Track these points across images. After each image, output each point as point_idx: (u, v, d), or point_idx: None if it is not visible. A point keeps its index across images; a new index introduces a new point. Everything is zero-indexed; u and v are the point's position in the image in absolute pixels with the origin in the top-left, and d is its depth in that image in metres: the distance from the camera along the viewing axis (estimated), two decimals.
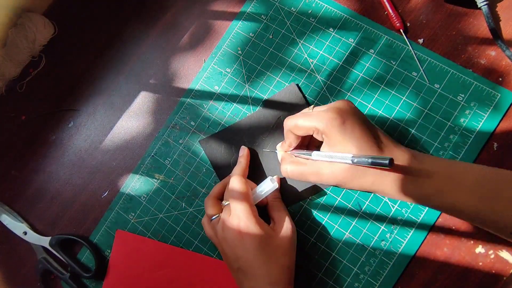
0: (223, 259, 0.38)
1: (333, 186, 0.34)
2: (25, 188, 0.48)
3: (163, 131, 0.45)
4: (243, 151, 0.41)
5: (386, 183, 0.31)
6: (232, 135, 0.43)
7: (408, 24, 0.41)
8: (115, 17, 0.49)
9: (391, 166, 0.28)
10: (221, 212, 0.38)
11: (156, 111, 0.46)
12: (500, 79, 0.38)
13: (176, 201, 0.43)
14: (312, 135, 0.34)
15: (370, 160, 0.29)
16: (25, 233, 0.46)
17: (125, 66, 0.48)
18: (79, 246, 0.45)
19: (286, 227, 0.36)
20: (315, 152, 0.34)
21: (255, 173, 0.41)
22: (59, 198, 0.47)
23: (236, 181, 0.37)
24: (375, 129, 0.33)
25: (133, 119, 0.47)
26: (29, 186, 0.48)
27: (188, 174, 0.43)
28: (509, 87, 0.38)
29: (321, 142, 0.34)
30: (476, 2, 0.38)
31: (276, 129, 0.42)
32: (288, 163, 0.36)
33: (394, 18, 0.40)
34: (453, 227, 0.37)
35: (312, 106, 0.36)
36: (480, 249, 0.36)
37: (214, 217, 0.38)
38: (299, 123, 0.33)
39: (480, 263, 0.36)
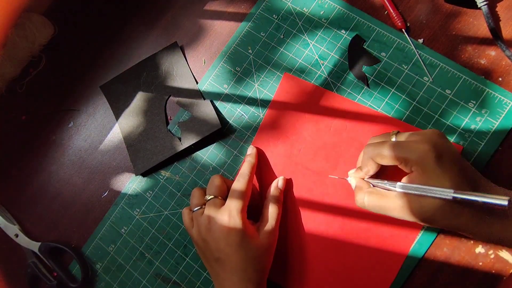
0: (198, 252, 0.39)
1: (414, 221, 0.31)
2: (25, 188, 0.48)
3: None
4: (251, 150, 0.41)
5: (483, 226, 0.29)
6: (133, 77, 0.46)
7: (408, 24, 0.41)
8: (115, 17, 0.49)
9: (508, 207, 0.25)
10: (204, 204, 0.39)
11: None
12: (500, 79, 0.38)
13: (181, 198, 0.43)
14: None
15: (482, 200, 0.26)
16: (17, 235, 0.46)
17: (125, 66, 0.48)
18: (69, 254, 0.45)
19: (269, 232, 0.37)
20: (401, 184, 0.31)
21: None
22: (59, 198, 0.47)
23: (241, 180, 0.38)
24: (469, 167, 0.31)
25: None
26: (29, 186, 0.48)
27: (194, 172, 0.43)
28: (508, 88, 0.38)
29: (395, 171, 0.32)
30: (476, 2, 0.38)
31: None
32: (366, 194, 0.33)
33: (396, 17, 0.40)
34: None
35: (394, 132, 0.33)
36: (480, 249, 0.37)
37: (196, 208, 0.38)
38: (385, 153, 0.31)
39: (480, 263, 0.36)
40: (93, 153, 0.47)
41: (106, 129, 0.47)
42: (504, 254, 0.36)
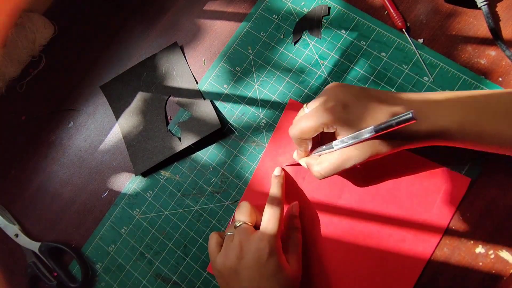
0: (218, 281, 0.37)
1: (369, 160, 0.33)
2: (25, 188, 0.48)
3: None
4: (279, 172, 0.40)
5: (413, 131, 0.31)
6: (133, 77, 0.46)
7: (408, 24, 0.41)
8: (115, 17, 0.49)
9: (416, 118, 0.27)
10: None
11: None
12: (500, 79, 0.38)
13: (181, 198, 0.43)
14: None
15: (393, 123, 0.28)
16: (17, 235, 0.45)
17: (125, 66, 0.48)
18: (69, 254, 0.45)
19: (298, 263, 0.36)
20: (335, 142, 0.33)
21: None
22: (59, 198, 0.47)
23: (274, 203, 0.37)
24: (374, 92, 0.33)
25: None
26: (29, 186, 0.48)
27: (194, 172, 0.43)
28: (509, 88, 0.38)
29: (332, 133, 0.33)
30: (476, 2, 0.38)
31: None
32: (316, 166, 0.34)
33: (396, 17, 0.40)
34: (453, 227, 0.37)
35: (305, 104, 0.35)
36: (480, 249, 0.36)
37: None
38: (304, 128, 0.32)
39: (480, 263, 0.36)
40: (93, 153, 0.47)
41: (106, 129, 0.47)
42: (504, 254, 0.36)
